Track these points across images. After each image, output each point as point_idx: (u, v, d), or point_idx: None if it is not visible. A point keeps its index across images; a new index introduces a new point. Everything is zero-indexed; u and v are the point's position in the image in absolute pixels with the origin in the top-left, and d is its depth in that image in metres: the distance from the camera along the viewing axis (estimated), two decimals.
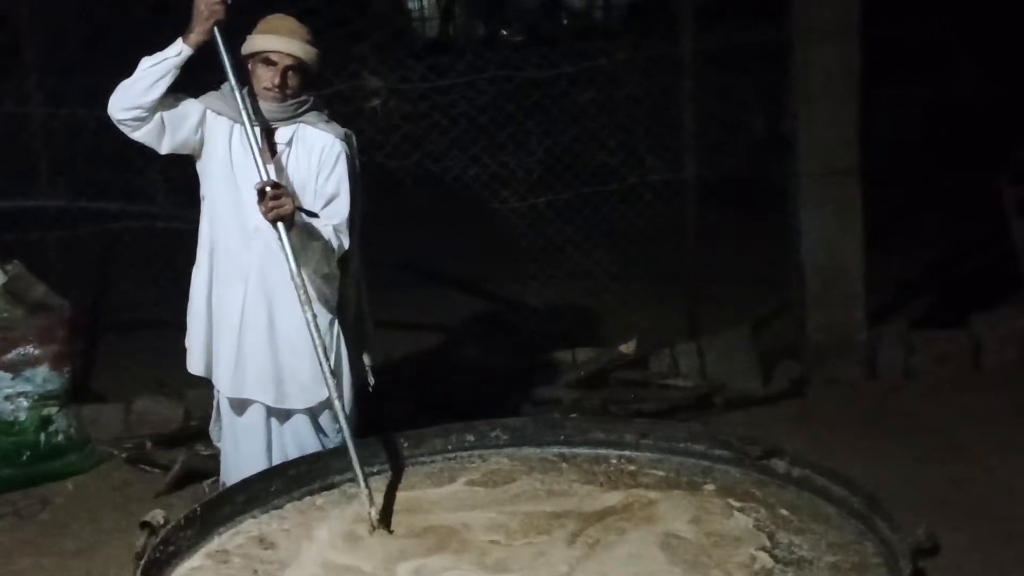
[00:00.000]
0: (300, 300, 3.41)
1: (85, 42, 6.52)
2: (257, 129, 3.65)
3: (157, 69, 3.58)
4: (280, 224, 3.43)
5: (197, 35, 3.55)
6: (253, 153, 3.52)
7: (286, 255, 3.44)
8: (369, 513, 2.94)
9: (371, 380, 4.05)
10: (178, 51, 3.58)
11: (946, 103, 10.40)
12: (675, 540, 2.78)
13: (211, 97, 3.75)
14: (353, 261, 3.92)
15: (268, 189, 3.42)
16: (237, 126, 3.69)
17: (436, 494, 3.10)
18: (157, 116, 3.65)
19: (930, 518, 2.75)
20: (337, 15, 6.27)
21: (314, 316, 3.43)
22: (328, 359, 3.74)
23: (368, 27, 7.22)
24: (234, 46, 3.65)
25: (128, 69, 3.65)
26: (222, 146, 3.71)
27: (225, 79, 3.61)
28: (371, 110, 6.77)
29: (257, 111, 3.69)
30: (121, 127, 3.68)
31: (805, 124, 6.20)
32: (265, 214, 3.43)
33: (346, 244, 3.74)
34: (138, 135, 3.69)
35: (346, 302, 3.95)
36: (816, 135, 6.18)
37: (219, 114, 3.72)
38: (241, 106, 3.54)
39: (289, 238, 3.46)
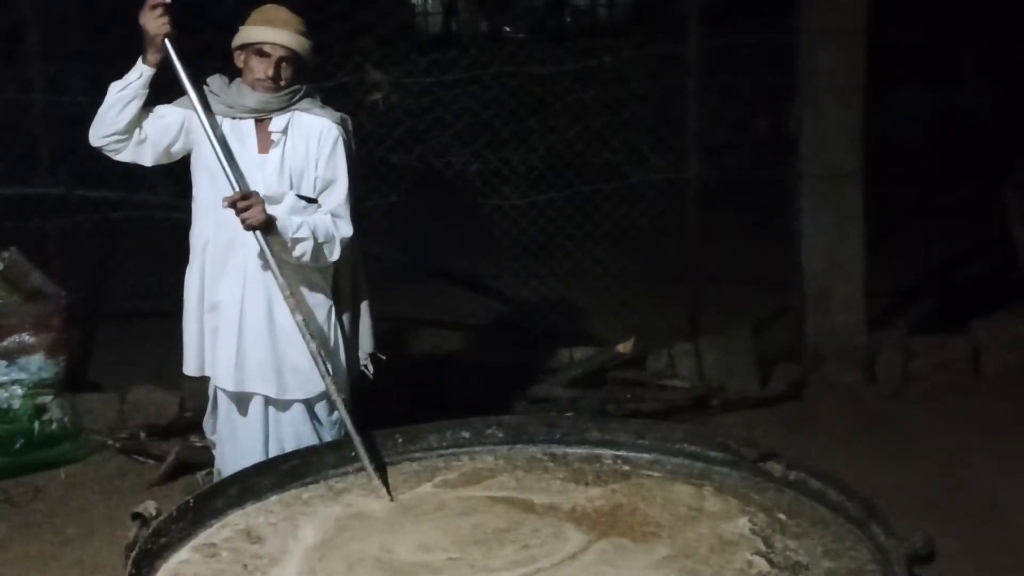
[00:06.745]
0: (288, 306, 3.56)
1: (88, 29, 6.50)
2: (250, 122, 3.71)
3: (124, 94, 3.66)
4: (258, 232, 3.53)
5: (152, 54, 3.62)
6: (221, 164, 3.58)
7: (268, 261, 3.57)
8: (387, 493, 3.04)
9: (370, 370, 4.03)
10: (139, 73, 3.65)
11: (951, 108, 10.39)
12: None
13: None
14: (348, 249, 3.87)
15: (237, 203, 3.50)
16: (225, 120, 3.70)
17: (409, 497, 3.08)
18: (136, 134, 3.73)
19: (927, 524, 2.73)
20: (342, 8, 6.26)
21: (304, 320, 3.54)
22: (324, 349, 3.75)
23: (373, 20, 7.21)
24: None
25: (128, 60, 3.65)
26: (208, 144, 3.68)
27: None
28: (373, 104, 6.75)
29: (247, 103, 3.70)
30: (104, 152, 3.78)
31: (809, 126, 6.18)
32: (241, 225, 3.54)
33: (347, 231, 3.73)
34: (121, 156, 3.79)
35: (340, 291, 3.93)
36: (820, 137, 6.16)
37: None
38: (205, 122, 3.59)
39: (270, 242, 3.54)
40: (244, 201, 3.50)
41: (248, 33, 3.69)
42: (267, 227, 3.53)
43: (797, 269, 6.32)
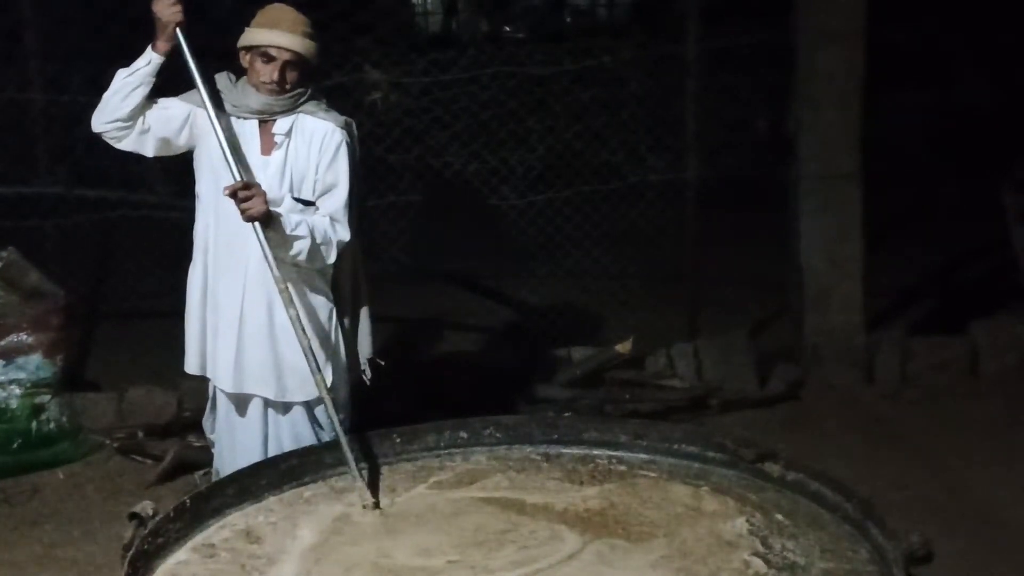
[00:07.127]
0: (283, 300, 3.50)
1: (88, 29, 6.50)
2: (254, 122, 3.69)
3: (130, 80, 3.63)
4: (256, 224, 3.49)
5: (163, 42, 3.60)
6: (224, 154, 3.54)
7: (264, 254, 3.52)
8: (371, 497, 3.02)
9: (368, 374, 4.01)
10: (148, 60, 3.63)
11: (950, 109, 10.38)
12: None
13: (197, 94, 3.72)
14: (348, 251, 3.86)
15: (239, 192, 3.46)
16: (228, 117, 3.68)
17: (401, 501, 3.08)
18: (139, 124, 3.70)
19: (925, 524, 2.74)
20: (342, 8, 6.26)
21: (298, 315, 3.51)
22: (324, 351, 3.74)
23: (372, 20, 7.21)
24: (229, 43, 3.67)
25: (128, 60, 3.65)
26: (213, 139, 3.64)
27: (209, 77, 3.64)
28: (372, 103, 6.74)
29: (252, 104, 3.68)
30: (105, 139, 3.75)
31: (808, 127, 6.18)
32: (241, 216, 3.50)
33: (344, 235, 3.70)
34: (123, 145, 3.75)
35: (341, 292, 3.92)
36: (818, 138, 6.16)
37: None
38: (211, 111, 3.55)
39: (268, 236, 3.50)
40: (245, 191, 3.46)
41: (254, 35, 3.66)
42: (267, 220, 3.50)
43: (796, 269, 6.32)
